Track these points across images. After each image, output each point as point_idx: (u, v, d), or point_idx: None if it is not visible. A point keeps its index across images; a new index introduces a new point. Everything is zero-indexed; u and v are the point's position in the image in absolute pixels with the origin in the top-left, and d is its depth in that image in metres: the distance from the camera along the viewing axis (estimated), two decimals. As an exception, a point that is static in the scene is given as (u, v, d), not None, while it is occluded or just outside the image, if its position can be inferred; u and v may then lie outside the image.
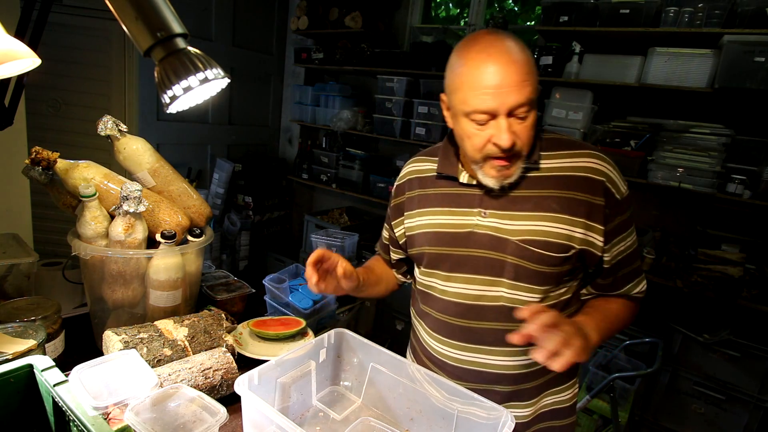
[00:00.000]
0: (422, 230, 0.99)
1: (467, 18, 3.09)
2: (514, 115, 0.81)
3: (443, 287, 0.97)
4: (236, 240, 3.32)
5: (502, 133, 0.81)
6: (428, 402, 0.85)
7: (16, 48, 0.69)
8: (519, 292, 0.90)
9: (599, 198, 0.87)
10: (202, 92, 0.74)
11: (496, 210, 0.91)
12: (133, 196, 0.96)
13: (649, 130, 2.22)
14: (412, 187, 1.04)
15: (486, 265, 0.92)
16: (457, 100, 0.85)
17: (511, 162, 0.85)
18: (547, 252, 0.87)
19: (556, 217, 0.87)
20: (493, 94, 0.79)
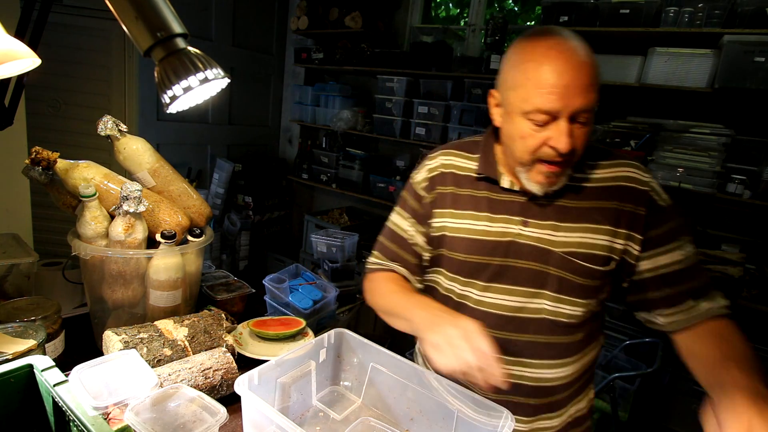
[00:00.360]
0: (457, 234, 0.92)
1: (467, 18, 3.09)
2: (576, 119, 0.77)
3: (479, 297, 0.91)
4: (236, 240, 3.32)
5: (562, 136, 0.76)
6: (428, 402, 0.85)
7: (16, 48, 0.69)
8: (562, 305, 0.87)
9: (641, 208, 0.84)
10: (202, 92, 0.74)
11: (538, 220, 0.87)
12: (133, 196, 0.96)
13: (649, 130, 2.22)
14: (445, 182, 0.96)
15: (528, 276, 0.87)
16: (516, 97, 0.79)
17: (562, 169, 0.81)
18: (592, 265, 0.84)
19: (599, 229, 0.84)
20: (560, 94, 0.75)
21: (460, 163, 0.96)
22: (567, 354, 0.91)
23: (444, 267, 0.96)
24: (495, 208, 0.90)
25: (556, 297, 0.87)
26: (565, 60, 0.75)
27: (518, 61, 0.79)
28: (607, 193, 0.85)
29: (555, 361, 0.90)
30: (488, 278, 0.90)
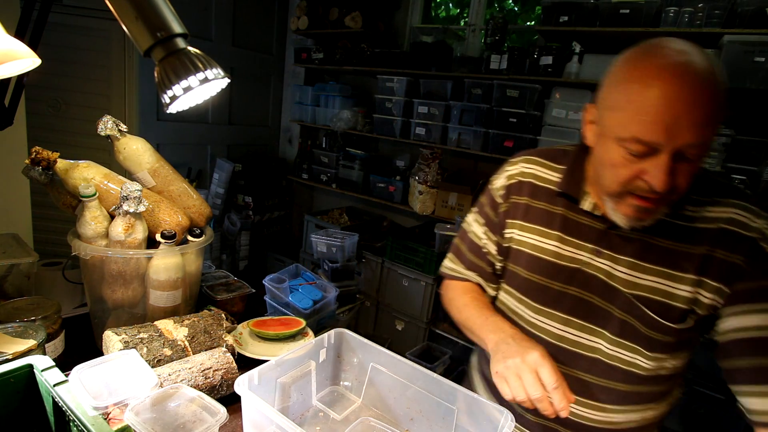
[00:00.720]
0: (521, 248, 0.86)
1: (467, 18, 3.09)
2: (683, 155, 0.64)
3: (532, 319, 0.86)
4: (236, 240, 3.32)
5: (659, 173, 0.64)
6: (428, 402, 0.85)
7: (16, 48, 0.69)
8: (622, 351, 0.78)
9: (738, 255, 0.71)
10: (202, 92, 0.74)
11: (614, 252, 0.77)
12: (133, 196, 0.96)
13: (649, 130, 2.22)
14: (521, 191, 0.88)
15: (588, 310, 0.80)
16: (613, 120, 0.68)
17: (656, 206, 0.69)
18: (662, 318, 0.74)
19: (682, 278, 0.73)
20: (665, 126, 0.62)
21: (542, 173, 0.87)
22: (625, 401, 0.82)
23: (505, 279, 0.91)
24: (569, 229, 0.82)
25: (616, 341, 0.78)
26: (679, 85, 0.61)
27: (622, 79, 0.68)
28: (702, 235, 0.73)
29: (609, 406, 0.82)
30: (544, 301, 0.84)
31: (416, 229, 3.05)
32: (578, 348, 0.82)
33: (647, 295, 0.75)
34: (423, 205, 2.84)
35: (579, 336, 0.82)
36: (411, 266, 2.70)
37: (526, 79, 2.44)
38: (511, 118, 2.48)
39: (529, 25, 3.03)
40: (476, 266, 0.96)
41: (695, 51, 0.65)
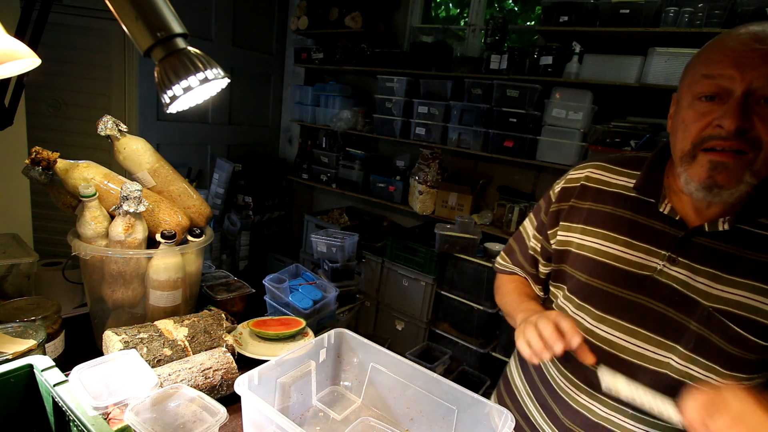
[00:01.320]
0: (583, 252, 0.82)
1: (467, 18, 3.09)
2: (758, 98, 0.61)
3: (592, 327, 0.80)
4: (236, 240, 3.32)
5: (730, 110, 0.62)
6: (428, 402, 0.85)
7: (16, 48, 0.69)
8: (694, 367, 0.73)
9: None
10: (202, 92, 0.74)
11: (692, 261, 0.72)
12: (133, 196, 0.96)
13: (649, 130, 2.21)
14: (584, 196, 0.85)
15: (659, 323, 0.74)
16: (688, 80, 0.69)
17: (734, 161, 0.63)
18: (747, 334, 0.69)
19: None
20: (735, 57, 0.61)
21: (611, 179, 0.84)
22: None
23: (564, 283, 0.87)
24: (639, 234, 0.77)
25: (689, 356, 0.73)
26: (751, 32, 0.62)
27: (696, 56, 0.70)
28: None
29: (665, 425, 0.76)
30: (607, 309, 0.79)
31: (416, 229, 3.05)
32: (644, 361, 0.76)
33: (733, 310, 0.69)
34: (423, 205, 2.84)
35: (646, 348, 0.76)
36: (411, 266, 2.70)
37: (526, 79, 2.44)
38: (511, 118, 2.48)
39: (529, 25, 3.03)
40: (520, 264, 0.98)
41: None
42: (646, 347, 0.76)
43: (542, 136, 2.42)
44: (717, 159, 0.65)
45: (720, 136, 0.63)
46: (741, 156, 0.64)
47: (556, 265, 0.89)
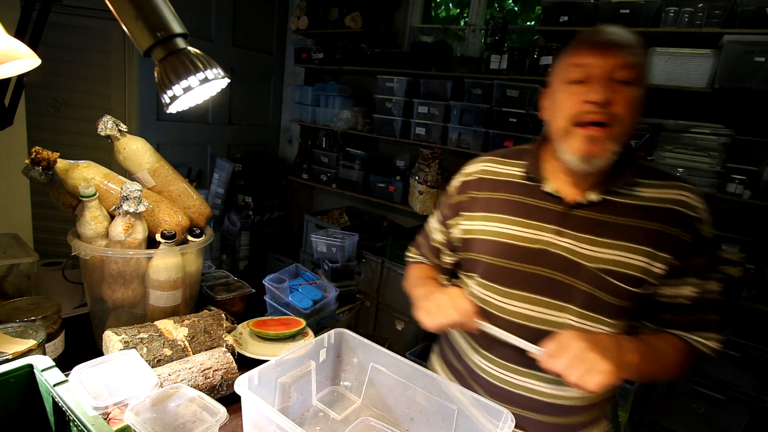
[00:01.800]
0: (486, 237, 0.92)
1: (467, 18, 3.09)
2: (615, 78, 0.77)
3: (501, 304, 0.90)
4: (236, 240, 3.32)
5: (596, 85, 0.77)
6: (428, 402, 0.85)
7: (16, 48, 0.69)
8: (587, 322, 0.85)
9: (688, 235, 0.81)
10: (202, 92, 0.74)
11: (574, 231, 0.85)
12: (133, 196, 0.96)
13: (649, 130, 2.22)
14: (481, 187, 0.96)
15: (554, 288, 0.86)
16: (558, 70, 0.84)
17: (603, 134, 0.77)
18: (625, 285, 0.82)
19: (639, 249, 0.81)
20: (594, 48, 0.78)
21: (501, 169, 0.96)
22: None
23: (472, 270, 0.96)
24: (530, 214, 0.88)
25: (582, 313, 0.84)
26: (603, 29, 0.81)
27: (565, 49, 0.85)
28: (653, 213, 0.82)
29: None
30: (512, 284, 0.89)
31: (416, 229, 3.05)
32: (547, 326, 0.86)
33: (609, 267, 0.82)
34: (423, 205, 2.84)
35: (547, 313, 0.86)
36: (411, 266, 2.70)
37: (526, 79, 2.44)
38: (511, 118, 2.48)
39: (529, 25, 3.03)
40: (426, 255, 1.09)
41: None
42: (547, 312, 0.86)
43: (542, 136, 2.41)
44: (589, 133, 0.78)
45: (590, 111, 0.77)
46: (606, 128, 0.77)
47: (463, 254, 0.98)
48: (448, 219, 1.01)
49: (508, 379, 0.90)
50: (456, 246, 1.00)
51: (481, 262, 0.92)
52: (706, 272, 0.84)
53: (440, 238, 1.04)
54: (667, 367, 0.83)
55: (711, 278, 0.84)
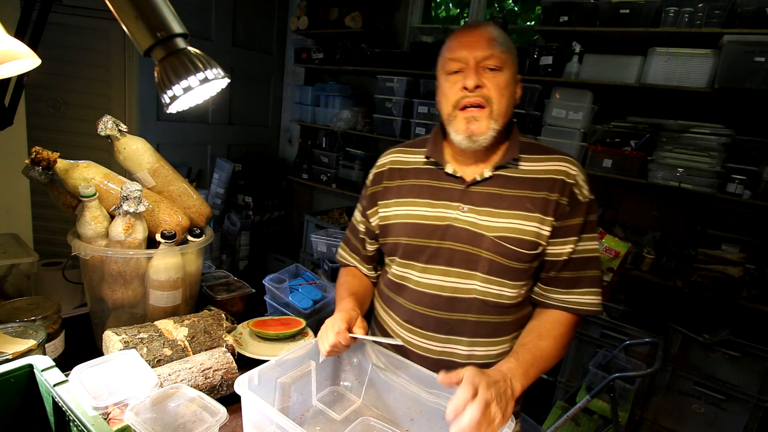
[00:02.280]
0: (400, 220, 1.01)
1: (467, 18, 3.09)
2: (484, 66, 0.90)
3: (419, 278, 0.99)
4: (236, 240, 3.32)
5: (469, 73, 0.90)
6: (428, 402, 0.85)
7: (16, 48, 0.69)
8: (491, 286, 0.95)
9: (564, 198, 0.93)
10: (202, 92, 0.74)
11: (475, 206, 0.95)
12: (133, 196, 0.96)
13: (649, 130, 2.22)
14: (392, 177, 1.07)
15: (462, 258, 0.95)
16: (440, 65, 0.96)
17: (480, 113, 0.91)
18: (520, 249, 0.92)
19: (529, 216, 0.92)
20: (463, 44, 0.91)
21: (407, 158, 1.07)
22: (497, 333, 0.98)
23: (392, 253, 1.05)
24: (436, 195, 0.99)
25: (487, 278, 0.94)
26: (470, 26, 0.94)
27: (444, 46, 0.96)
28: (539, 183, 0.94)
29: (485, 339, 0.98)
30: (426, 260, 0.98)
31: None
32: (458, 293, 0.96)
33: (506, 234, 0.92)
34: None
35: (457, 282, 0.96)
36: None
37: (526, 79, 2.44)
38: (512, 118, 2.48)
39: (529, 25, 3.03)
40: (355, 247, 1.15)
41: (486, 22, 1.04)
42: (457, 281, 0.96)
43: (542, 136, 2.42)
44: (468, 113, 0.91)
45: (466, 95, 0.90)
46: (482, 109, 0.91)
47: (383, 239, 1.06)
48: (368, 210, 1.10)
49: (428, 346, 0.99)
50: (377, 234, 1.08)
51: (398, 244, 1.01)
52: (583, 232, 0.94)
53: (363, 229, 1.12)
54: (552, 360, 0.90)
55: (587, 238, 0.95)
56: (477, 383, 0.70)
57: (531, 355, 0.86)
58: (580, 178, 0.95)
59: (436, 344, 0.99)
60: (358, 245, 1.15)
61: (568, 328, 0.95)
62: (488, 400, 0.69)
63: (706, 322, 2.12)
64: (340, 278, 1.15)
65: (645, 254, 2.28)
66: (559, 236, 0.93)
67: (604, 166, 2.31)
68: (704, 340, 2.03)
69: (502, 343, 0.99)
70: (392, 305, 1.06)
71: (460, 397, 0.69)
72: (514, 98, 0.96)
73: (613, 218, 2.58)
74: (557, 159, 0.96)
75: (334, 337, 0.85)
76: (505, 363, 0.83)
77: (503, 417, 0.71)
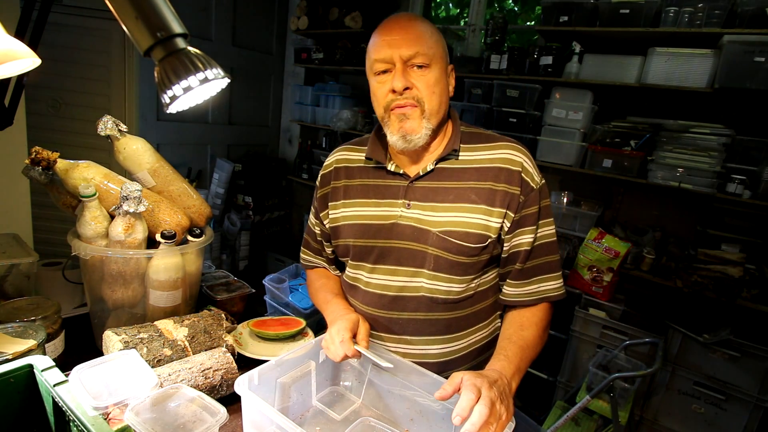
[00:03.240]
0: (348, 222, 1.01)
1: (467, 18, 3.09)
2: (411, 65, 0.88)
3: (368, 279, 0.99)
4: (236, 240, 3.32)
5: (396, 74, 0.87)
6: (428, 402, 0.85)
7: (16, 48, 0.69)
8: (438, 283, 0.93)
9: (515, 187, 0.90)
10: (202, 92, 0.74)
11: (419, 201, 0.94)
12: (133, 196, 0.96)
13: (649, 130, 2.22)
14: (338, 176, 1.05)
15: (408, 256, 0.94)
16: (368, 65, 0.93)
17: (410, 112, 0.88)
18: (466, 243, 0.90)
19: (474, 208, 0.90)
20: (388, 42, 0.88)
21: (353, 156, 1.05)
22: (448, 331, 0.97)
23: (344, 254, 1.05)
24: (382, 194, 0.98)
25: (433, 275, 0.93)
26: (394, 22, 0.91)
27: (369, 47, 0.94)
28: (484, 174, 0.92)
29: (436, 338, 0.97)
30: (374, 260, 0.97)
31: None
32: (406, 292, 0.95)
33: (450, 228, 0.90)
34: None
35: (405, 280, 0.95)
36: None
37: (526, 79, 2.44)
38: (511, 118, 2.48)
39: (529, 25, 3.04)
40: (319, 251, 1.14)
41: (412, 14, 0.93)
42: (404, 279, 0.95)
43: (542, 136, 2.42)
44: (399, 112, 0.89)
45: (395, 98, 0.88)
46: (414, 108, 0.88)
47: (335, 242, 1.05)
48: (320, 212, 1.09)
49: (404, 351, 0.98)
50: (329, 236, 1.08)
51: (348, 245, 1.00)
52: (540, 219, 0.92)
53: (319, 231, 1.12)
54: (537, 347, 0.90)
55: (545, 224, 0.93)
56: (479, 385, 0.69)
57: (518, 348, 0.86)
58: (526, 163, 0.92)
59: (388, 345, 0.98)
60: (318, 247, 1.15)
61: (546, 313, 0.95)
62: (493, 399, 0.69)
63: (706, 322, 2.12)
64: (314, 282, 1.13)
65: (645, 254, 2.28)
66: (518, 227, 0.92)
67: (604, 166, 2.31)
68: (704, 340, 2.03)
69: (457, 339, 0.98)
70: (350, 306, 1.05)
71: (465, 401, 0.67)
72: (447, 91, 0.94)
73: (613, 218, 2.58)
74: (500, 146, 0.94)
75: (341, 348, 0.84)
76: (497, 362, 0.82)
77: (508, 414, 0.71)
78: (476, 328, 1.00)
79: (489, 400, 0.68)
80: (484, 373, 0.76)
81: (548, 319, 0.96)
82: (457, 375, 0.72)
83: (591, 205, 2.52)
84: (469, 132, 0.98)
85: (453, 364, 0.99)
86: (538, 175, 0.93)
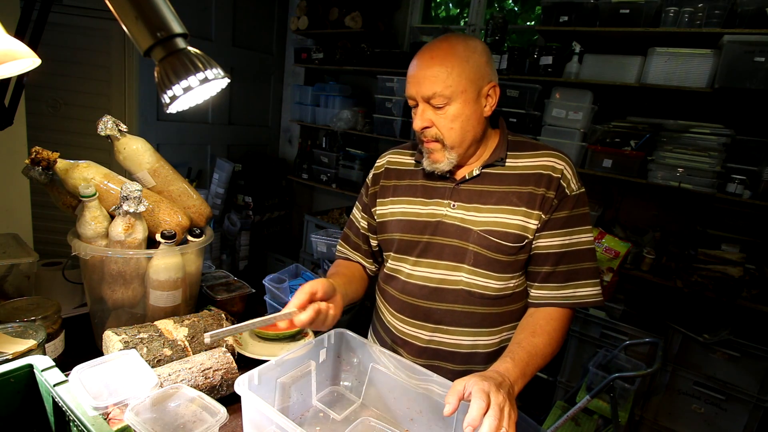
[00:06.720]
0: (396, 218, 1.07)
1: (467, 18, 3.09)
2: (431, 104, 0.93)
3: (410, 271, 1.05)
4: (236, 240, 3.32)
5: (416, 116, 0.95)
6: (428, 402, 0.85)
7: (16, 48, 0.69)
8: (477, 278, 0.99)
9: (551, 191, 0.95)
10: (202, 92, 0.74)
11: (463, 202, 1.00)
12: (133, 196, 0.96)
13: (649, 130, 2.22)
14: (389, 177, 1.12)
15: (450, 251, 1.00)
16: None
17: (434, 146, 0.96)
18: (504, 241, 0.96)
19: (515, 210, 0.96)
20: (412, 82, 0.94)
21: (403, 159, 1.13)
22: (483, 324, 1.02)
23: (388, 248, 1.11)
24: (429, 194, 1.04)
25: (473, 270, 0.99)
26: (421, 54, 0.93)
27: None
28: (526, 179, 0.97)
29: (471, 329, 1.02)
30: (418, 254, 1.04)
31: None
32: (446, 284, 1.01)
33: (491, 228, 0.96)
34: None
35: (445, 274, 1.01)
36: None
37: (526, 79, 2.44)
38: (511, 118, 2.48)
39: (529, 25, 3.03)
40: (358, 246, 1.20)
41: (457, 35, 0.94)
42: (445, 273, 1.01)
43: (542, 136, 2.42)
44: (425, 146, 0.98)
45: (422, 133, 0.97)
46: (435, 143, 0.96)
47: (381, 235, 1.12)
48: (371, 207, 1.15)
49: (417, 335, 1.05)
50: (376, 229, 1.14)
51: (393, 239, 1.07)
52: (572, 225, 0.96)
53: (366, 224, 1.17)
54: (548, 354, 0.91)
55: (579, 231, 0.97)
56: (487, 390, 0.70)
57: (526, 354, 0.87)
58: (567, 171, 0.97)
59: (425, 333, 1.04)
60: (358, 242, 1.20)
61: (561, 323, 0.96)
62: (501, 405, 0.70)
63: (706, 322, 2.12)
64: (332, 269, 1.18)
65: (645, 254, 2.28)
66: (546, 229, 0.96)
67: (604, 166, 2.31)
68: (704, 340, 2.03)
69: (489, 334, 1.03)
70: (386, 296, 1.12)
71: (475, 410, 0.68)
72: (474, 119, 0.95)
73: (613, 218, 2.58)
74: (545, 155, 0.99)
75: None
76: (502, 363, 0.83)
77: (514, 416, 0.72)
78: (510, 326, 1.04)
79: (498, 406, 0.69)
80: (488, 375, 0.76)
81: (564, 329, 0.97)
82: (459, 383, 0.73)
83: (591, 205, 2.52)
84: (515, 141, 1.03)
85: (478, 357, 1.04)
86: (576, 183, 0.97)
